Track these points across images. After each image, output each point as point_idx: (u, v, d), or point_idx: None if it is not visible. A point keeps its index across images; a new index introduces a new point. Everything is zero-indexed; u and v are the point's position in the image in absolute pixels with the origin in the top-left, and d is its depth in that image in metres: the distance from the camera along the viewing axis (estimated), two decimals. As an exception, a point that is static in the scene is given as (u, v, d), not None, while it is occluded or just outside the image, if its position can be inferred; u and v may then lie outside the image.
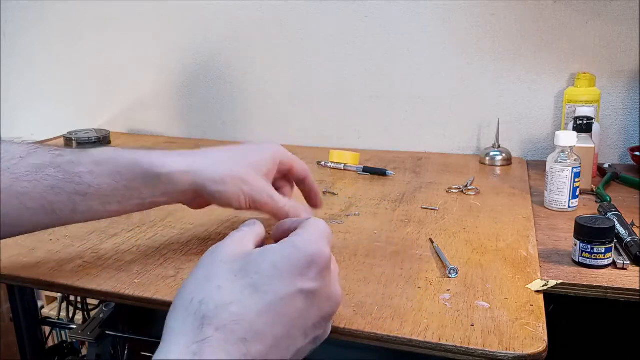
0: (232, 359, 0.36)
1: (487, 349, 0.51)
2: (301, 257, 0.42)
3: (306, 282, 0.41)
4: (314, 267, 0.42)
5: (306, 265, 0.42)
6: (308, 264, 0.42)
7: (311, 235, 0.44)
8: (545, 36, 1.17)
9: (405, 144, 1.31)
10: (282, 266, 0.41)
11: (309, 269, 0.42)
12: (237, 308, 0.38)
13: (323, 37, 1.32)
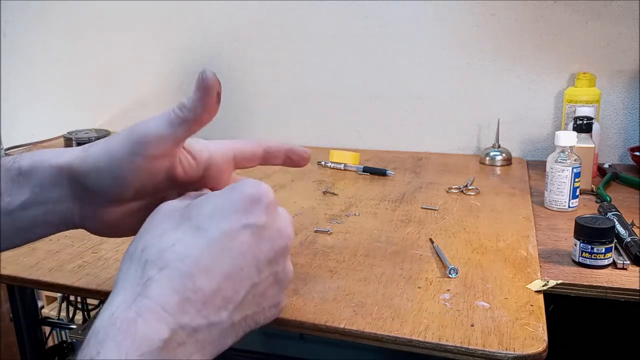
0: (179, 293, 0.35)
1: (487, 349, 0.51)
2: (244, 196, 0.41)
3: (251, 218, 0.40)
4: (258, 204, 0.41)
5: (249, 202, 0.41)
6: (252, 202, 0.41)
7: (252, 180, 0.43)
8: (545, 36, 1.17)
9: (405, 144, 1.31)
10: (224, 207, 0.40)
11: (253, 206, 0.41)
12: (180, 247, 0.37)
13: (323, 37, 1.32)
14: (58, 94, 1.60)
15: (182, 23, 1.42)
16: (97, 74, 1.54)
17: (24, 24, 1.59)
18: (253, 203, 0.41)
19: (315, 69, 1.34)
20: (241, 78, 1.41)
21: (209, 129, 1.61)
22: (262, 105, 1.41)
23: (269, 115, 1.41)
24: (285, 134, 1.40)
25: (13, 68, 1.63)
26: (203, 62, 1.43)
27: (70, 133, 1.37)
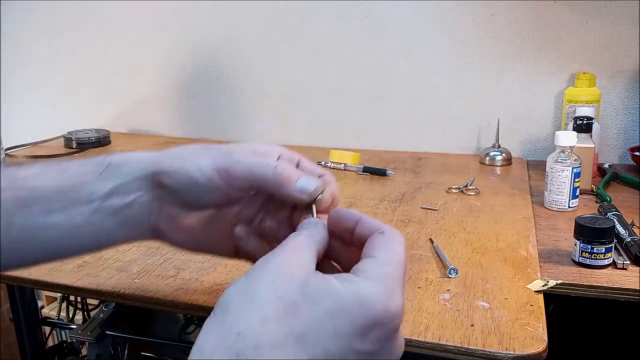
0: None
1: (487, 349, 0.51)
2: (367, 316, 0.32)
3: (365, 344, 0.32)
4: (378, 330, 0.33)
5: (371, 326, 0.32)
6: (373, 325, 0.32)
7: (385, 280, 0.34)
8: (545, 36, 1.17)
9: (405, 144, 1.31)
10: (339, 321, 0.32)
11: (372, 331, 0.32)
12: (278, 355, 0.31)
13: (323, 37, 1.32)
14: (58, 94, 1.60)
15: (182, 23, 1.42)
16: (97, 73, 1.54)
17: (24, 24, 1.59)
18: (374, 327, 0.33)
19: (315, 69, 1.34)
20: (241, 78, 1.41)
21: (209, 130, 1.61)
22: (262, 105, 1.41)
23: (269, 115, 1.41)
24: (285, 134, 1.40)
25: (13, 68, 1.63)
26: (203, 62, 1.43)
27: (70, 133, 1.37)
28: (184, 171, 0.44)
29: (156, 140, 1.44)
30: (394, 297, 0.33)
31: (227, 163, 0.44)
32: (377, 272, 0.34)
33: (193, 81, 1.45)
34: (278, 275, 0.33)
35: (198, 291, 0.62)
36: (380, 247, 0.36)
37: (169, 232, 0.47)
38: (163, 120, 1.50)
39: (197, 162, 0.44)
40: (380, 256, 0.35)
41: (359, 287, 0.33)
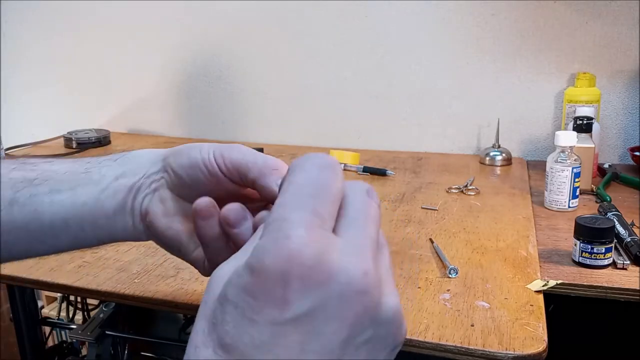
0: None
1: (487, 349, 0.51)
2: (262, 282, 0.25)
3: (286, 310, 0.25)
4: (289, 284, 0.25)
5: (275, 287, 0.25)
6: (277, 284, 0.25)
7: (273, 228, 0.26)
8: (545, 36, 1.17)
9: (405, 144, 1.31)
10: (243, 305, 0.26)
11: (284, 290, 0.25)
12: None
13: (323, 37, 1.32)
14: (58, 94, 1.60)
15: (182, 23, 1.42)
16: (97, 74, 1.54)
17: (24, 24, 1.59)
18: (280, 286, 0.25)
19: (315, 68, 1.34)
20: (241, 78, 1.41)
21: (209, 130, 1.61)
22: (262, 105, 1.41)
23: (269, 115, 1.41)
24: (285, 133, 1.40)
25: (13, 68, 1.63)
26: (203, 62, 1.43)
27: (70, 133, 1.37)
28: (187, 151, 0.45)
29: (156, 140, 1.44)
30: (286, 237, 0.25)
31: (227, 148, 0.45)
32: (267, 222, 0.27)
33: (193, 81, 1.45)
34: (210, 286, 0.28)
35: (198, 291, 0.62)
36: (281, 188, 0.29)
37: (158, 215, 0.46)
38: (163, 120, 1.50)
39: (200, 146, 0.45)
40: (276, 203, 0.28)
41: (247, 253, 0.26)
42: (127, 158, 0.47)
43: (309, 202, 0.27)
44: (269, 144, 1.36)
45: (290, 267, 0.25)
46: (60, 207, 0.45)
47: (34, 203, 0.44)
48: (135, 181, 0.46)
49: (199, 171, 0.44)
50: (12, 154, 1.29)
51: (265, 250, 0.25)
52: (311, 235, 0.26)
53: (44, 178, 0.45)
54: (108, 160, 0.47)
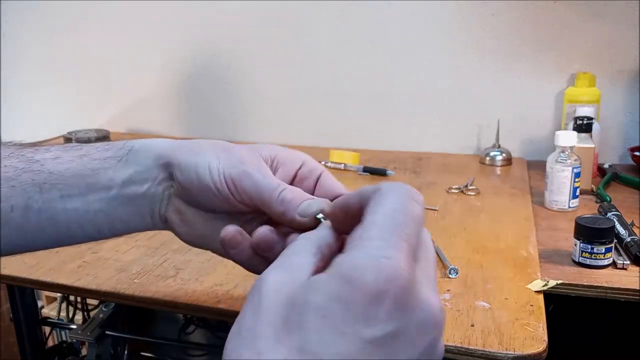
0: None
1: (487, 349, 0.51)
2: (359, 292, 0.26)
3: (375, 327, 0.26)
4: (381, 303, 0.26)
5: (369, 302, 0.26)
6: (371, 300, 0.26)
7: (369, 242, 0.28)
8: (545, 36, 1.17)
9: (405, 144, 1.31)
10: (333, 314, 0.26)
11: (375, 307, 0.26)
12: None
13: (323, 37, 1.32)
14: (58, 94, 1.60)
15: (182, 23, 1.42)
16: (97, 74, 1.54)
17: (24, 24, 1.59)
18: (377, 302, 0.26)
19: (315, 69, 1.34)
20: (241, 78, 1.41)
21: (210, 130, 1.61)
22: (262, 105, 1.41)
23: (269, 115, 1.41)
24: (285, 134, 1.39)
25: (13, 68, 1.63)
26: (203, 62, 1.43)
27: (70, 133, 1.37)
28: (195, 169, 0.44)
29: (156, 140, 1.44)
30: (387, 258, 0.27)
31: (237, 174, 0.43)
32: (365, 237, 0.28)
33: (193, 81, 1.45)
34: (268, 296, 0.29)
35: (198, 291, 0.62)
36: (372, 209, 0.30)
37: (177, 223, 0.46)
38: (163, 120, 1.50)
39: (208, 162, 0.44)
40: (369, 217, 0.29)
41: (341, 265, 0.27)
42: (131, 156, 0.45)
43: (403, 231, 0.28)
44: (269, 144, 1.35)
45: (388, 287, 0.26)
46: (75, 213, 0.44)
47: (49, 209, 0.44)
48: (146, 189, 0.45)
49: (209, 192, 0.44)
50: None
51: (365, 267, 0.26)
52: (407, 262, 0.27)
53: (52, 182, 0.44)
54: (112, 159, 0.45)
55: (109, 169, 0.45)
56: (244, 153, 0.45)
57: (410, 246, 0.28)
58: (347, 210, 0.34)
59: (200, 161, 0.44)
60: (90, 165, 0.45)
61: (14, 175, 0.43)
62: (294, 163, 0.47)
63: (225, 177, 0.43)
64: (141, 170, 0.45)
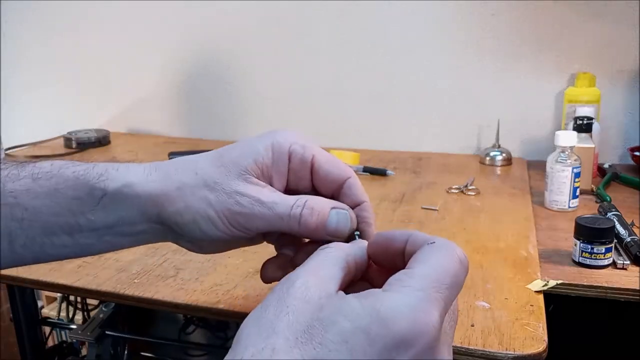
0: None
1: (487, 349, 0.51)
2: (388, 334, 0.27)
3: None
4: (405, 351, 0.28)
5: (394, 346, 0.27)
6: (396, 346, 0.27)
7: (415, 293, 0.29)
8: (545, 36, 1.17)
9: (405, 144, 1.31)
10: (356, 343, 0.27)
11: (398, 352, 0.27)
12: None
13: (323, 37, 1.32)
14: (58, 94, 1.60)
15: (182, 23, 1.42)
16: (97, 74, 1.54)
17: (24, 24, 1.59)
18: (400, 347, 0.27)
19: (315, 69, 1.34)
20: (241, 78, 1.41)
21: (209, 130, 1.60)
22: (262, 105, 1.41)
23: (269, 115, 1.41)
24: (285, 134, 1.39)
25: (13, 68, 1.63)
26: (203, 62, 1.43)
27: (70, 133, 1.37)
28: (194, 223, 0.41)
29: (156, 140, 1.44)
30: (424, 312, 0.28)
31: (242, 216, 0.40)
32: (408, 284, 0.29)
33: (193, 81, 1.45)
34: (294, 298, 0.30)
35: (198, 291, 0.62)
36: (421, 259, 0.31)
37: (190, 249, 0.45)
38: (163, 120, 1.50)
39: (205, 212, 0.40)
40: (416, 268, 0.31)
41: (381, 302, 0.28)
42: (107, 201, 0.41)
43: (445, 292, 0.30)
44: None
45: (416, 340, 0.27)
46: (65, 248, 0.42)
47: (35, 245, 0.41)
48: (140, 229, 0.42)
49: (218, 238, 0.42)
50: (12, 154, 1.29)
51: (402, 313, 0.28)
52: (439, 321, 0.29)
53: (30, 219, 0.41)
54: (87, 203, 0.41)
55: (86, 212, 0.41)
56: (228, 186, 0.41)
57: (446, 307, 0.30)
58: (391, 244, 0.35)
59: (197, 216, 0.40)
60: (65, 205, 0.41)
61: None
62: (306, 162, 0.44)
63: (231, 223, 0.40)
64: (126, 215, 0.41)
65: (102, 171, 0.42)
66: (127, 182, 0.41)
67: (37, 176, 0.41)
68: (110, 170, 0.42)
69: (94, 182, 0.41)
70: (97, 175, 0.42)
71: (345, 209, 0.41)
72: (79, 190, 0.41)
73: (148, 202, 0.41)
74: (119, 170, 0.42)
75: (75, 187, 0.41)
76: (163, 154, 1.25)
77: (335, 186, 0.43)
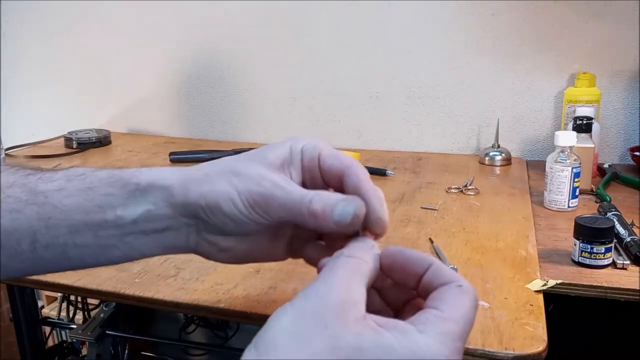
0: None
1: (487, 348, 0.51)
2: None
3: None
4: None
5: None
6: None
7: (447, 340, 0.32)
8: (545, 36, 1.17)
9: (405, 144, 1.31)
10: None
11: None
12: None
13: (323, 37, 1.32)
14: (58, 94, 1.60)
15: (182, 23, 1.42)
16: (97, 73, 1.54)
17: (24, 24, 1.59)
18: None
19: (315, 68, 1.34)
20: (241, 78, 1.41)
21: (209, 130, 1.60)
22: (262, 105, 1.41)
23: (269, 115, 1.41)
24: (285, 134, 1.39)
25: (13, 68, 1.63)
26: (203, 62, 1.43)
27: (71, 133, 1.37)
28: (216, 204, 0.41)
29: (156, 140, 1.44)
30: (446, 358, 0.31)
31: (261, 197, 0.41)
32: (441, 330, 0.32)
33: (193, 81, 1.45)
34: (331, 318, 0.31)
35: (198, 291, 0.62)
36: (450, 301, 0.34)
37: (210, 254, 0.45)
38: (163, 120, 1.50)
39: (229, 196, 0.41)
40: (447, 312, 0.33)
41: (417, 345, 0.30)
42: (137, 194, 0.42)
43: (464, 337, 0.33)
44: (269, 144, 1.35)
45: None
46: (87, 248, 0.42)
47: (58, 245, 0.42)
48: (165, 225, 0.43)
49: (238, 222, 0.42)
50: (12, 154, 1.29)
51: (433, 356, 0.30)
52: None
53: (58, 217, 0.41)
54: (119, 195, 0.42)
55: (116, 206, 0.42)
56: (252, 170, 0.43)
57: (458, 354, 0.32)
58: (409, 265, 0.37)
59: (220, 197, 0.41)
60: (97, 201, 0.42)
61: (18, 208, 0.41)
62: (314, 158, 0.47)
63: (251, 205, 0.41)
64: (153, 209, 0.42)
65: (136, 170, 0.44)
66: (160, 176, 0.43)
67: (71, 177, 0.43)
68: (144, 170, 0.44)
69: (128, 178, 0.43)
70: (130, 172, 0.44)
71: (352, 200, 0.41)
72: (112, 187, 0.43)
73: (175, 188, 0.42)
74: (152, 169, 0.44)
75: (109, 184, 0.43)
76: (163, 154, 1.25)
77: (338, 178, 0.44)
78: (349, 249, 0.37)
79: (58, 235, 0.42)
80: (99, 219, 0.42)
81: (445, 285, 0.35)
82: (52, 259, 0.42)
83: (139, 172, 0.44)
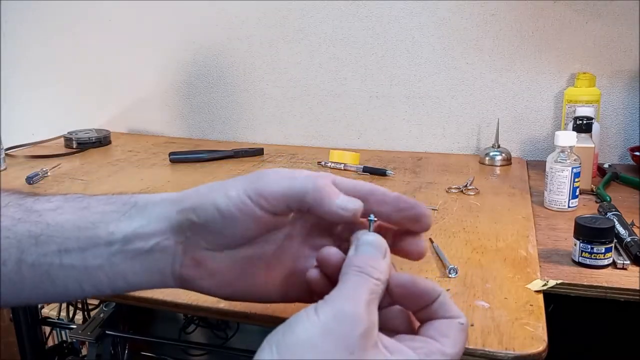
0: None
1: (487, 348, 0.51)
2: None
3: None
4: None
5: None
6: None
7: None
8: (545, 36, 1.17)
9: (405, 144, 1.31)
10: None
11: None
12: None
13: (323, 37, 1.32)
14: (58, 94, 1.60)
15: (182, 23, 1.42)
16: (97, 73, 1.54)
17: (24, 24, 1.59)
18: None
19: (315, 69, 1.34)
20: (241, 78, 1.41)
21: (209, 130, 1.60)
22: (262, 105, 1.41)
23: (269, 115, 1.41)
24: (285, 134, 1.40)
25: (13, 68, 1.63)
26: (203, 62, 1.43)
27: (71, 133, 1.37)
28: (211, 202, 0.41)
29: (156, 140, 1.44)
30: None
31: (259, 185, 0.40)
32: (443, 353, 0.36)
33: (193, 81, 1.45)
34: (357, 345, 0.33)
35: (198, 291, 0.62)
36: (453, 337, 0.37)
37: (198, 279, 0.43)
38: (163, 120, 1.50)
39: (224, 192, 0.41)
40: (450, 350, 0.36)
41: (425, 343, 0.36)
42: (133, 211, 0.42)
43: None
44: (269, 144, 1.36)
45: None
46: (72, 270, 0.41)
47: (43, 264, 0.41)
48: (153, 244, 0.42)
49: (232, 219, 0.41)
50: (12, 154, 1.29)
51: None
52: None
53: (49, 234, 0.41)
54: (114, 213, 0.42)
55: (110, 222, 0.42)
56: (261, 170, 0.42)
57: None
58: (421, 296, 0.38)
59: (216, 196, 0.41)
60: (91, 219, 0.42)
61: (10, 226, 0.41)
62: None
63: (248, 194, 0.40)
64: (146, 224, 0.42)
65: (137, 194, 0.44)
66: (160, 196, 0.44)
67: (69, 199, 0.43)
68: (143, 193, 0.44)
69: (127, 198, 0.44)
70: (131, 194, 0.44)
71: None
72: (109, 205, 0.43)
73: (169, 202, 0.43)
74: (152, 193, 0.44)
75: (107, 203, 0.43)
76: (163, 154, 1.25)
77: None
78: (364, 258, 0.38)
79: (46, 252, 0.41)
80: (90, 235, 0.41)
81: (448, 320, 0.37)
82: (35, 281, 0.41)
83: (139, 195, 0.44)
